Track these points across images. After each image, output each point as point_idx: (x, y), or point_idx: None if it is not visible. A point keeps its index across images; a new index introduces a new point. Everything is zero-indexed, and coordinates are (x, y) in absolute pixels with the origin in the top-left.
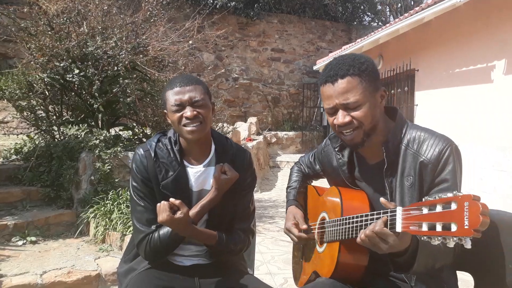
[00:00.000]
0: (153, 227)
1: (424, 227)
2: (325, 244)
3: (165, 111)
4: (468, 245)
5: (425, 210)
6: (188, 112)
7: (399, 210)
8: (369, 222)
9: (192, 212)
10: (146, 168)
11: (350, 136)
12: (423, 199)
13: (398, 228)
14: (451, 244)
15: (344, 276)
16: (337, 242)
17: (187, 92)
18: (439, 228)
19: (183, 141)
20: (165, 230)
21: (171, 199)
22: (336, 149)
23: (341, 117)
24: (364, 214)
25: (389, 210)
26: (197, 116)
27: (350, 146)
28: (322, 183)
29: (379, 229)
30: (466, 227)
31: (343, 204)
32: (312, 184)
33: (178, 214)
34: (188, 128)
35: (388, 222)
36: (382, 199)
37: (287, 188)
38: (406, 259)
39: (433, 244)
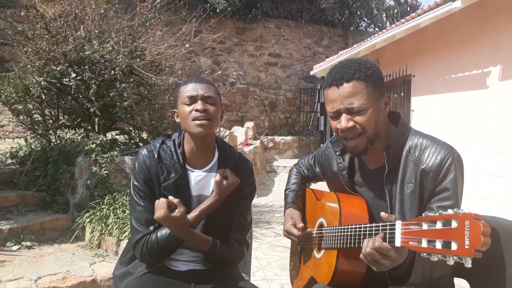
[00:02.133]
0: (151, 228)
1: (424, 243)
2: (323, 251)
3: (174, 110)
4: (468, 264)
5: (425, 226)
6: (199, 105)
7: (398, 224)
8: (367, 232)
9: (191, 215)
10: (149, 168)
11: (354, 143)
12: (423, 214)
13: (397, 242)
14: (450, 262)
15: (342, 283)
16: (335, 250)
17: (200, 89)
18: (439, 245)
19: (187, 144)
20: (163, 232)
21: (170, 197)
22: (337, 153)
23: (345, 122)
24: (363, 225)
25: (388, 223)
26: (207, 111)
27: (353, 153)
28: (321, 186)
29: (378, 244)
30: (467, 246)
31: (342, 212)
32: (310, 187)
33: (175, 213)
34: (197, 122)
35: (388, 236)
36: (383, 214)
37: (285, 191)
38: (403, 272)
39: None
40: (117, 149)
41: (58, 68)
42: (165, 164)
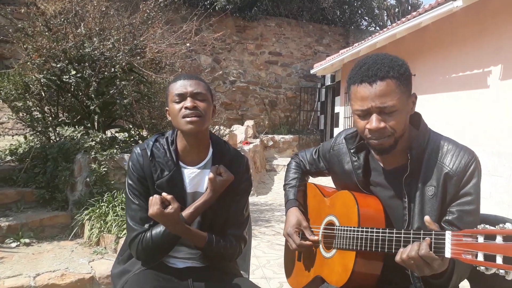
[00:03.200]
0: (146, 226)
1: (480, 257)
2: (334, 250)
3: (166, 108)
4: None
5: (480, 239)
6: (188, 102)
7: (448, 234)
8: (402, 239)
9: (186, 213)
10: (142, 166)
11: (381, 141)
12: (479, 227)
13: (447, 253)
14: (510, 276)
15: (357, 286)
16: (352, 251)
17: (189, 86)
18: (499, 260)
19: (180, 141)
20: (157, 229)
21: (164, 194)
22: (352, 151)
23: (376, 122)
24: (395, 231)
25: (433, 232)
26: (197, 108)
27: (378, 151)
28: (322, 181)
29: (426, 252)
30: None
31: (360, 212)
32: (309, 181)
33: (169, 209)
34: (188, 119)
35: (433, 245)
36: (427, 217)
37: (285, 186)
38: (442, 281)
39: (462, 265)
40: (116, 146)
41: (58, 65)
42: (158, 162)
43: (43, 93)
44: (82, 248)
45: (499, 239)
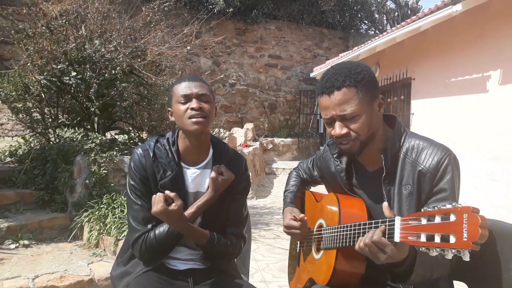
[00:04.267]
0: (149, 226)
1: (423, 238)
2: (322, 251)
3: (169, 109)
4: (466, 257)
5: (423, 221)
6: (194, 103)
7: (397, 220)
8: (367, 230)
9: (188, 212)
10: (145, 167)
11: (348, 146)
12: (422, 210)
13: (396, 238)
14: (449, 256)
15: (340, 284)
16: (334, 249)
17: (194, 87)
18: (437, 239)
19: (181, 142)
20: (161, 229)
21: (167, 191)
22: (335, 156)
23: (338, 129)
24: (362, 222)
25: (387, 219)
26: (202, 109)
27: (347, 155)
28: (321, 189)
29: (377, 238)
30: (465, 239)
31: (341, 212)
32: (310, 190)
33: (172, 206)
34: (194, 120)
35: (387, 232)
36: (385, 203)
37: (284, 192)
38: (404, 270)
39: (430, 255)
40: (116, 148)
41: (59, 67)
42: (161, 163)
43: (43, 94)
44: (81, 250)
45: (437, 219)
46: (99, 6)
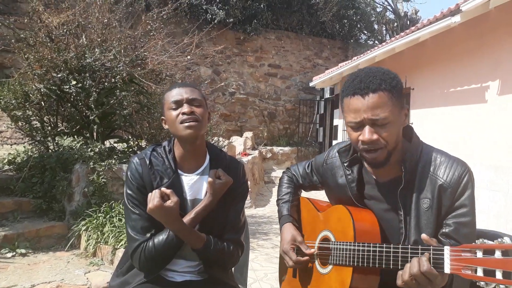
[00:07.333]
0: (148, 235)
1: (480, 272)
2: (330, 266)
3: (162, 117)
4: None
5: (479, 254)
6: (185, 108)
7: (446, 250)
8: (400, 254)
9: (187, 219)
10: (141, 175)
11: (374, 154)
12: (477, 241)
13: (447, 269)
14: None
15: None
16: (349, 267)
17: (185, 92)
18: (499, 275)
19: (177, 149)
20: (160, 237)
21: (163, 188)
22: (345, 164)
23: (368, 134)
24: (392, 245)
25: (431, 247)
26: (194, 113)
27: (372, 165)
28: (315, 195)
29: (428, 269)
30: None
31: (356, 227)
32: (303, 195)
33: (168, 203)
34: (186, 124)
35: (431, 261)
36: (424, 235)
37: (278, 201)
38: None
39: (460, 281)
40: (115, 157)
41: (59, 75)
42: (157, 170)
43: (42, 102)
44: (78, 259)
45: (498, 254)
46: (100, 15)
